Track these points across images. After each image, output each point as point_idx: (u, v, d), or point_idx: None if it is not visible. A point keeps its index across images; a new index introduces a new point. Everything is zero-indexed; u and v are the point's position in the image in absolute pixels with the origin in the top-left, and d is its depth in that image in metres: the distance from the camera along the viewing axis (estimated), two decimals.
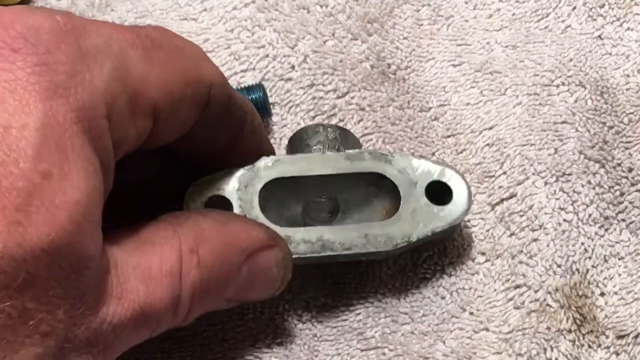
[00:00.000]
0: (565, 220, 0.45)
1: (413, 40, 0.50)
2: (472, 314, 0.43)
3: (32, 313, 0.28)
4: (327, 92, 0.48)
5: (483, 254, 0.44)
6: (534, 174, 0.46)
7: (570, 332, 0.42)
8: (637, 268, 0.44)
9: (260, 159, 0.40)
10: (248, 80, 0.48)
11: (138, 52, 0.32)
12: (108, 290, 0.31)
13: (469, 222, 0.45)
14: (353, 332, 0.42)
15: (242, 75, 0.48)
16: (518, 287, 0.43)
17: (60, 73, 0.29)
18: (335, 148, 0.42)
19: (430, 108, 0.48)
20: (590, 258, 0.44)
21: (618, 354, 0.42)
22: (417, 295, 0.43)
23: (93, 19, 0.32)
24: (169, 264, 0.33)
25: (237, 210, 0.39)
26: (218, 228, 0.36)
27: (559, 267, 0.44)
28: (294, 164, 0.41)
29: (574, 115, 0.47)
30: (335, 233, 0.40)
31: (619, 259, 0.44)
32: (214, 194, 0.39)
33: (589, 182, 0.45)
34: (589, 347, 0.42)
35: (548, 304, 0.43)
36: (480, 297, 0.43)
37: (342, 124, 0.47)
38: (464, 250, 0.44)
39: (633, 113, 0.47)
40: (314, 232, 0.40)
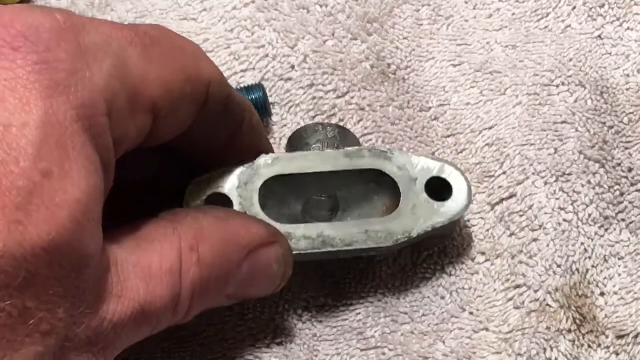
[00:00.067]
0: (565, 220, 0.45)
1: (413, 40, 0.50)
2: (472, 314, 0.43)
3: (32, 312, 0.28)
4: (327, 92, 0.48)
5: (483, 254, 0.44)
6: (534, 174, 0.46)
7: (570, 332, 0.42)
8: (637, 268, 0.44)
9: (260, 157, 0.40)
10: (248, 80, 0.48)
11: (137, 49, 0.32)
12: (108, 289, 0.31)
13: (469, 222, 0.45)
14: (353, 332, 0.42)
15: (242, 75, 0.48)
16: (518, 287, 0.43)
17: (61, 71, 0.29)
18: (335, 147, 0.42)
19: (430, 108, 0.48)
20: (590, 258, 0.44)
21: (618, 354, 0.42)
22: (417, 295, 0.43)
23: (92, 17, 0.32)
24: (169, 262, 0.33)
25: (237, 208, 0.39)
26: (218, 225, 0.35)
27: (559, 267, 0.43)
28: (294, 162, 0.41)
29: (574, 115, 0.47)
30: (336, 229, 0.40)
31: (619, 259, 0.44)
32: (214, 192, 0.39)
33: (589, 182, 0.45)
34: (589, 347, 0.42)
35: (548, 304, 0.43)
36: (480, 297, 0.43)
37: (342, 124, 0.47)
38: (464, 250, 0.44)
39: (633, 113, 0.47)
40: (315, 228, 0.40)
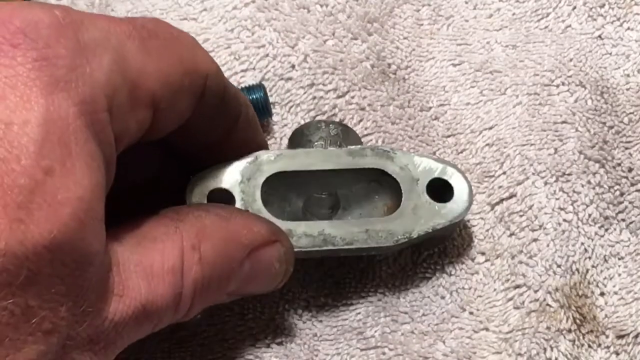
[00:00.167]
0: (565, 220, 0.45)
1: (413, 40, 0.50)
2: (471, 314, 0.43)
3: (34, 311, 0.28)
4: (327, 91, 0.48)
5: (483, 254, 0.44)
6: (534, 174, 0.46)
7: (570, 332, 0.42)
8: (637, 268, 0.44)
9: (263, 153, 0.40)
10: (248, 80, 0.48)
11: (135, 43, 0.32)
12: (110, 288, 0.31)
13: (469, 222, 0.45)
14: (353, 331, 0.42)
15: (242, 75, 0.48)
16: (518, 287, 0.43)
17: (61, 67, 0.29)
18: (337, 144, 0.42)
19: (431, 107, 0.48)
20: (590, 258, 0.44)
21: (618, 354, 0.42)
22: (417, 295, 0.43)
23: (89, 13, 0.32)
24: (171, 261, 0.33)
25: (239, 204, 0.39)
26: (220, 224, 0.35)
27: (559, 267, 0.43)
28: (296, 159, 0.41)
29: (574, 115, 0.47)
30: (337, 228, 0.40)
31: (619, 259, 0.44)
32: (217, 187, 0.39)
33: (589, 182, 0.45)
34: (589, 346, 0.42)
35: (548, 304, 0.43)
36: (480, 296, 0.43)
37: None
38: (464, 250, 0.44)
39: (633, 113, 0.47)
40: (316, 226, 0.40)
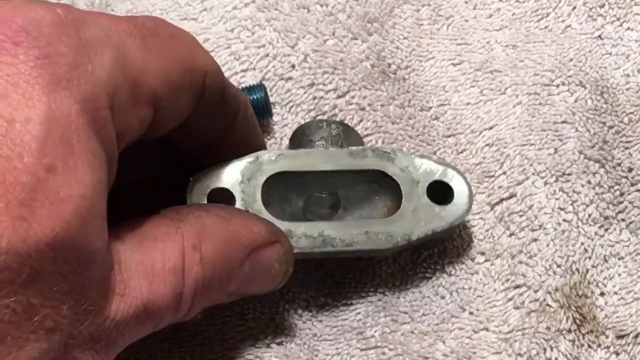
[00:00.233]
0: (565, 220, 0.45)
1: (413, 40, 0.50)
2: (471, 314, 0.43)
3: (36, 309, 0.28)
4: (327, 91, 0.48)
5: (483, 254, 0.44)
6: (534, 174, 0.46)
7: (570, 332, 0.42)
8: (637, 268, 0.44)
9: (263, 153, 0.40)
10: (248, 80, 0.48)
11: (136, 41, 0.32)
12: (111, 287, 0.31)
13: (469, 222, 0.45)
14: (353, 331, 0.42)
15: (242, 75, 0.48)
16: (518, 287, 0.43)
17: (63, 65, 0.29)
18: (338, 144, 0.42)
19: (431, 107, 0.48)
20: (590, 258, 0.44)
21: (618, 354, 0.42)
22: (417, 295, 0.43)
23: (91, 11, 0.32)
24: (172, 261, 0.33)
25: (239, 204, 0.39)
26: (220, 224, 0.35)
27: (559, 267, 0.43)
28: (297, 159, 0.41)
29: (574, 115, 0.47)
30: (337, 229, 0.40)
31: (619, 259, 0.44)
32: (217, 186, 0.39)
33: (589, 182, 0.45)
34: (589, 347, 0.42)
35: (548, 304, 0.43)
36: (480, 296, 0.43)
37: None
38: (464, 250, 0.44)
39: (633, 113, 0.47)
40: (315, 227, 0.40)
